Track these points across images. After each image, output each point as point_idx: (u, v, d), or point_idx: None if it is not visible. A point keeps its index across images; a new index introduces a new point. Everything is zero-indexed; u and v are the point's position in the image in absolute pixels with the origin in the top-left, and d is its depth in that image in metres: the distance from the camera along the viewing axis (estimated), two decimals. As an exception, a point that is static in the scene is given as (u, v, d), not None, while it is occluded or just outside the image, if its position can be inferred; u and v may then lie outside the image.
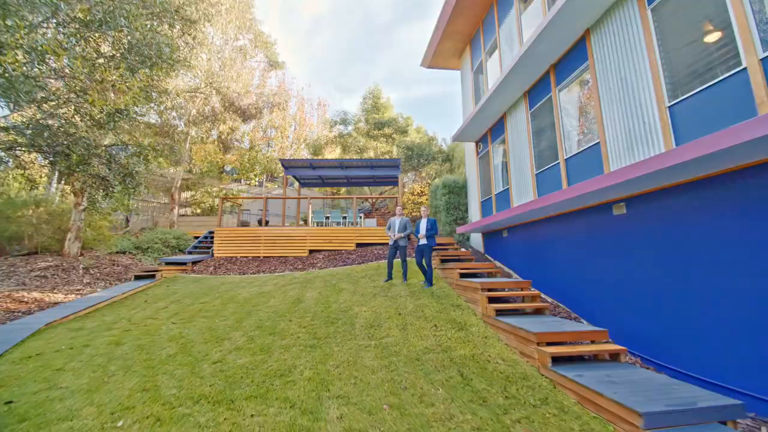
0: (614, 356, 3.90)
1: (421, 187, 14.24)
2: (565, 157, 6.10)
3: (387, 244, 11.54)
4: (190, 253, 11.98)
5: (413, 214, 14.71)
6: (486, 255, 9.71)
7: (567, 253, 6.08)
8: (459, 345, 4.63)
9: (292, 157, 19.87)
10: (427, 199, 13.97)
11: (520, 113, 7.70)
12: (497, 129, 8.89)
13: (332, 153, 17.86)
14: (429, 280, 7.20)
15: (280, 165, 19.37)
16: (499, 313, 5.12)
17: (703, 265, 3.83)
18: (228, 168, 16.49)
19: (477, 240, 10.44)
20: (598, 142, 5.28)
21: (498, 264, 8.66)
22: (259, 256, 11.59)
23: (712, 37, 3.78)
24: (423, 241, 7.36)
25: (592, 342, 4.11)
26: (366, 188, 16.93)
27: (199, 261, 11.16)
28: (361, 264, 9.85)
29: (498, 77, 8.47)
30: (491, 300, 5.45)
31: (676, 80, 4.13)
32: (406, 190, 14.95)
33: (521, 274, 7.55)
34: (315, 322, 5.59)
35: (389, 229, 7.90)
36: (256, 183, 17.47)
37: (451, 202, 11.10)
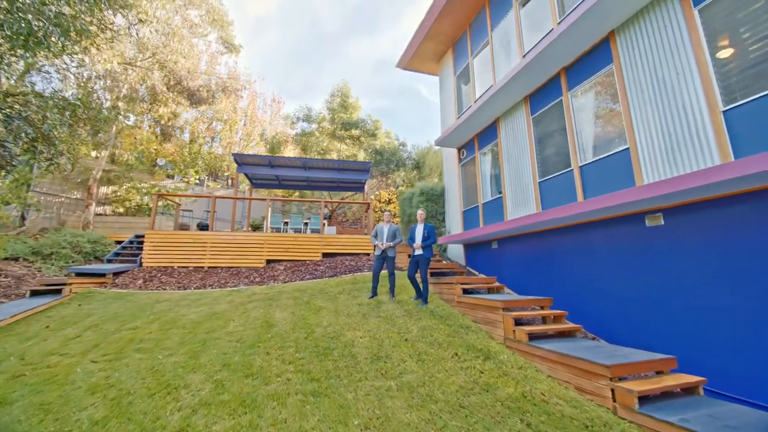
0: (688, 390, 3.35)
1: (388, 193, 13.40)
2: (580, 165, 5.71)
3: (357, 254, 10.46)
4: (110, 261, 9.59)
5: (380, 222, 13.80)
6: (468, 267, 9.13)
7: (580, 267, 5.64)
8: (497, 381, 3.77)
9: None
10: (395, 207, 13.19)
11: (518, 119, 7.30)
12: (487, 135, 8.45)
13: (292, 153, 16.20)
14: (425, 297, 6.30)
15: (225, 163, 17.20)
16: (532, 337, 4.39)
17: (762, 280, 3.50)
18: (161, 162, 13.92)
19: (456, 251, 9.86)
20: (627, 148, 4.93)
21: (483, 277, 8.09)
22: (203, 267, 9.69)
23: (779, 39, 3.54)
24: (418, 252, 6.48)
25: (658, 373, 3.54)
26: (325, 193, 15.64)
27: (122, 272, 8.93)
28: (333, 277, 8.62)
29: (493, 83, 8.06)
30: (517, 322, 4.71)
31: (734, 83, 3.85)
32: (371, 196, 14.00)
33: (517, 289, 7.02)
34: (302, 355, 4.34)
35: (375, 236, 6.89)
36: (196, 181, 15.06)
37: (428, 211, 10.42)
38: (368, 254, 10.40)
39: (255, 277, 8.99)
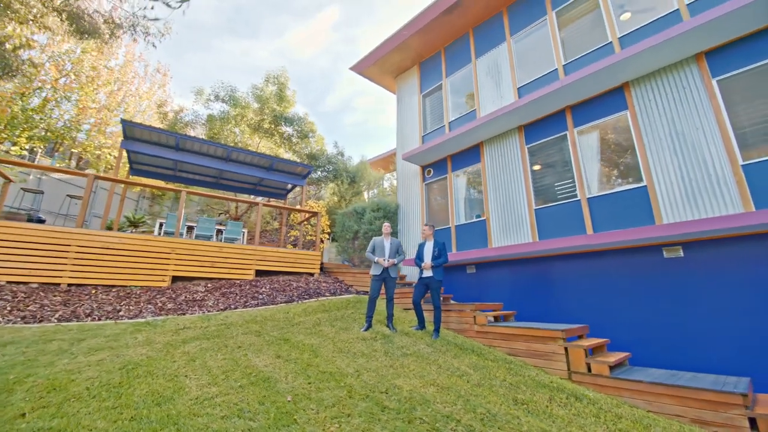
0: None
1: (318, 206, 11.71)
2: (588, 196, 6.06)
3: (299, 273, 8.56)
4: None
5: (306, 238, 11.91)
6: (430, 292, 8.58)
7: (589, 293, 5.84)
8: (627, 427, 3.25)
9: (106, 128, 12.69)
10: (325, 221, 11.66)
11: (509, 146, 7.43)
12: (465, 157, 8.34)
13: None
14: (437, 328, 5.37)
15: (72, 134, 12.04)
16: (611, 369, 4.10)
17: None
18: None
19: (411, 274, 9.20)
20: (645, 186, 5.44)
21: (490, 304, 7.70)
22: (58, 284, 6.10)
23: (785, 116, 4.48)
24: (427, 273, 5.58)
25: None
26: (230, 194, 12.53)
27: None
28: (289, 303, 6.67)
29: (477, 108, 8.11)
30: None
31: (750, 143, 4.67)
32: (297, 206, 12.00)
33: (503, 315, 6.84)
34: (382, 427, 2.85)
35: (372, 251, 5.67)
36: (24, 152, 9.70)
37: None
38: (312, 274, 8.65)
39: (163, 302, 6.15)
